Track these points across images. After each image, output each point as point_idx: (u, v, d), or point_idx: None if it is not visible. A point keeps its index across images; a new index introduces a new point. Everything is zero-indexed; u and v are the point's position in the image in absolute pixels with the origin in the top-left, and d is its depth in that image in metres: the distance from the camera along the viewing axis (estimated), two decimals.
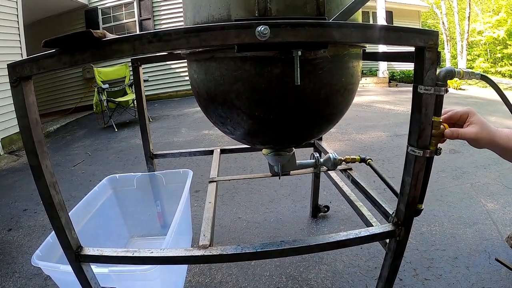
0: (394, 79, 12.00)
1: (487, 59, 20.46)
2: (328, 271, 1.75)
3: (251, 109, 0.92)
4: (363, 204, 1.38)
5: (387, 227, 1.01)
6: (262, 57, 0.85)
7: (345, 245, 1.00)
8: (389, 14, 12.13)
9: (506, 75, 18.26)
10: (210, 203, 1.21)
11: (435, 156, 0.86)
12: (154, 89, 8.98)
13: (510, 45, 18.95)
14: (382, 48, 9.23)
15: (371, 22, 12.51)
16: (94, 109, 6.53)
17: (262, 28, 0.66)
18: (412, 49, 0.81)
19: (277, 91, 0.87)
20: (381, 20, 10.65)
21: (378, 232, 1.00)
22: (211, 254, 0.90)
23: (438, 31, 0.78)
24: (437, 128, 0.80)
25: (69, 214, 1.51)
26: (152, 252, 0.94)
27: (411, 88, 0.82)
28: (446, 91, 0.78)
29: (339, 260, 1.83)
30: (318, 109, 0.94)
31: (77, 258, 0.96)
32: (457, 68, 0.82)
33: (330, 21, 0.77)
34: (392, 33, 0.74)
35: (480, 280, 1.63)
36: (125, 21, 9.07)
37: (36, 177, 0.85)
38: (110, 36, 0.75)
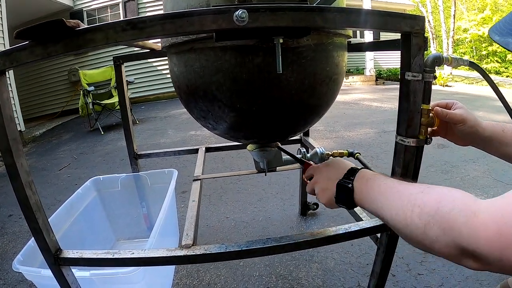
0: (381, 77, 12.06)
1: (473, 56, 20.77)
2: (319, 269, 1.72)
3: (232, 101, 0.88)
4: None
5: (377, 221, 0.98)
6: (243, 46, 0.81)
7: (334, 240, 0.96)
8: None
9: (492, 71, 18.55)
10: (194, 202, 1.17)
11: (424, 152, 0.84)
12: (141, 91, 8.90)
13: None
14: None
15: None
16: (80, 112, 6.43)
17: (240, 12, 0.63)
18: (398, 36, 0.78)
19: (259, 81, 0.84)
20: None
21: (369, 226, 0.97)
22: (194, 254, 0.86)
23: (424, 16, 0.75)
24: (426, 116, 0.77)
25: (51, 217, 1.48)
26: (133, 253, 0.90)
27: (397, 86, 0.79)
28: (435, 77, 0.75)
29: (329, 257, 1.80)
30: (302, 100, 0.90)
31: (57, 261, 0.92)
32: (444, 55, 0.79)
33: (312, 5, 0.73)
34: (378, 18, 0.71)
35: (473, 273, 1.62)
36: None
37: (11, 177, 0.80)
38: (84, 26, 0.71)
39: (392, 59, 13.39)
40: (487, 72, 0.86)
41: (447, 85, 10.48)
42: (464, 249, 0.47)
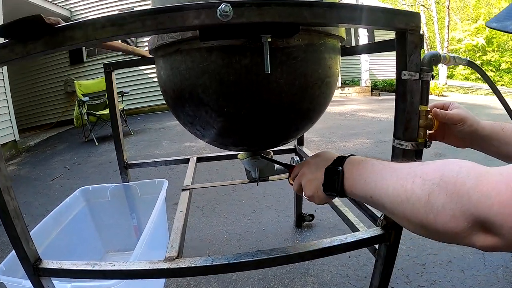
0: (376, 88, 12.12)
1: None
2: (315, 282, 1.66)
3: (219, 104, 0.83)
4: (348, 209, 1.30)
5: (375, 231, 0.93)
6: (230, 46, 0.77)
7: (329, 252, 0.91)
8: None
9: None
10: (181, 212, 1.12)
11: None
12: (136, 102, 8.92)
13: (489, 51, 19.43)
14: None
15: (352, 34, 12.64)
16: (75, 123, 6.39)
17: (224, 6, 0.59)
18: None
19: (246, 83, 0.79)
20: (362, 30, 10.77)
21: (366, 237, 0.92)
22: (178, 267, 0.81)
23: (419, 13, 0.72)
24: (425, 118, 0.73)
25: (37, 226, 1.43)
26: (114, 265, 0.84)
27: (393, 97, 0.75)
28: (432, 77, 0.71)
29: (326, 270, 1.74)
30: (293, 103, 0.85)
31: (36, 272, 0.87)
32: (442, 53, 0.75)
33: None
34: (370, 14, 0.68)
35: (476, 283, 1.57)
36: None
37: None
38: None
39: (387, 70, 13.47)
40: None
41: (442, 95, 10.55)
42: (474, 218, 0.41)
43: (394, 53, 0.75)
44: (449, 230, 0.45)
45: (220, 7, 0.59)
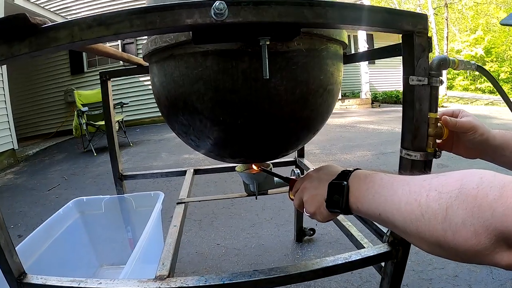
0: (376, 100, 12.10)
1: (467, 77, 21.00)
2: None
3: (214, 113, 0.78)
4: (351, 223, 1.24)
5: (382, 248, 0.87)
6: (226, 50, 0.72)
7: (333, 272, 0.85)
8: (370, 37, 12.28)
9: (486, 91, 18.72)
10: (175, 227, 1.06)
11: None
12: (136, 114, 8.91)
13: (488, 61, 19.52)
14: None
15: (352, 45, 12.67)
16: (74, 133, 6.38)
17: (218, 3, 0.54)
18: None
19: (244, 90, 0.74)
20: (362, 43, 10.80)
21: (372, 254, 0.86)
22: (168, 286, 0.75)
23: (426, 14, 0.67)
24: (434, 126, 0.68)
25: (26, 238, 1.37)
26: (101, 283, 0.79)
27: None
28: (441, 82, 0.66)
29: (327, 287, 1.67)
30: (293, 112, 0.80)
31: (20, 287, 0.82)
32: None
33: None
34: (375, 15, 0.63)
35: None
36: (108, 44, 9.00)
37: None
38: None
39: (387, 82, 13.47)
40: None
41: (442, 106, 10.55)
42: (498, 234, 0.37)
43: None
44: (470, 248, 0.40)
45: (214, 5, 0.54)
